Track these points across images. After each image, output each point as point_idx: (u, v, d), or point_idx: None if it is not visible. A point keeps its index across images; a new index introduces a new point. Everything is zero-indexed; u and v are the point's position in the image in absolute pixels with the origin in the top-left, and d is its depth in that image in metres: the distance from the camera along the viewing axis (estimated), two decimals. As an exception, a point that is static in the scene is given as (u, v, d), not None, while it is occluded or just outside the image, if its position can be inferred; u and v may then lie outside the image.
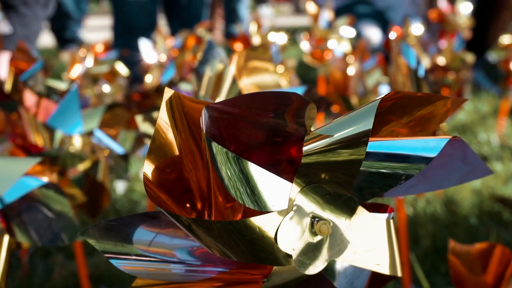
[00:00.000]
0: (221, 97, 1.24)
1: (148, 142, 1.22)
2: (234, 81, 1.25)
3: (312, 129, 0.65)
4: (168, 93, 0.60)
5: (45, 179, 1.11)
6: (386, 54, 4.06)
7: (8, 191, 1.06)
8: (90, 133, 1.61)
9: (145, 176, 0.63)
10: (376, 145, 0.65)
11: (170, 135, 0.62)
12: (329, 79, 2.22)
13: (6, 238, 1.06)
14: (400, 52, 1.53)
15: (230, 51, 2.97)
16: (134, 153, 2.07)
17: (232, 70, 1.24)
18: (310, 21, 3.08)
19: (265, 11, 9.47)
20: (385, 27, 4.03)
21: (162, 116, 0.61)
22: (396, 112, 0.64)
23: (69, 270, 1.94)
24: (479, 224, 2.08)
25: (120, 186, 2.43)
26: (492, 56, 5.11)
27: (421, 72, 1.49)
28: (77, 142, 1.59)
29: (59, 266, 1.97)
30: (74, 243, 1.45)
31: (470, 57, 2.44)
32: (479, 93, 3.87)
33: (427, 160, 0.64)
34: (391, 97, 0.63)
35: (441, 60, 2.47)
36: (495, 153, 2.86)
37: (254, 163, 0.63)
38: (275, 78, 1.34)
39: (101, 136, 1.64)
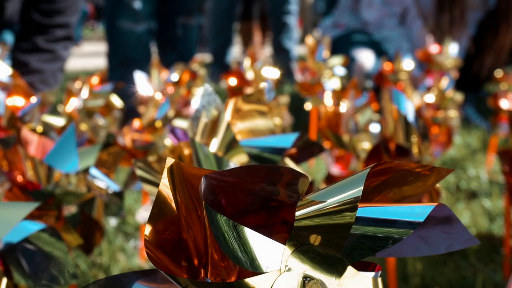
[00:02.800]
0: (216, 143, 1.28)
1: (144, 185, 1.25)
2: (229, 127, 1.28)
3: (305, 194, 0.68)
4: (169, 161, 0.64)
5: (43, 224, 1.14)
6: (377, 87, 4.11)
7: (7, 235, 1.09)
8: (86, 171, 1.64)
9: (145, 239, 0.66)
10: (365, 210, 0.68)
11: (170, 200, 0.66)
12: (321, 115, 2.26)
13: (4, 281, 1.09)
14: (391, 98, 1.57)
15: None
16: (128, 188, 2.10)
17: (227, 117, 1.28)
18: (307, 52, 3.14)
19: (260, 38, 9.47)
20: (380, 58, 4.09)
21: (164, 182, 0.65)
22: (384, 182, 0.68)
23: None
24: (467, 263, 2.11)
25: (113, 219, 2.45)
26: (483, 91, 5.18)
27: (411, 118, 1.53)
28: (73, 180, 1.62)
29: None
30: (69, 286, 1.47)
31: (459, 97, 2.50)
32: (469, 128, 3.92)
33: (413, 225, 0.68)
34: (380, 167, 0.67)
35: (431, 98, 2.51)
36: (483, 189, 2.90)
37: (249, 226, 0.66)
38: (269, 123, 1.38)
39: (97, 174, 1.67)
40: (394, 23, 4.24)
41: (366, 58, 4.19)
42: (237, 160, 1.28)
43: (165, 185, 0.65)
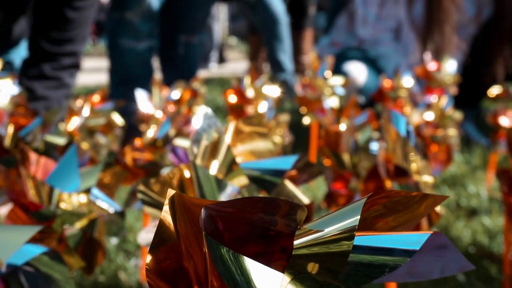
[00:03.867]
0: (216, 165, 1.29)
1: (146, 208, 1.27)
2: (229, 149, 1.30)
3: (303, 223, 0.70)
4: (170, 192, 0.65)
5: (45, 247, 1.15)
6: (370, 103, 4.13)
7: (10, 258, 1.11)
8: (87, 191, 1.65)
9: (146, 268, 0.67)
10: (362, 239, 0.70)
11: (172, 229, 0.67)
12: (321, 133, 2.27)
13: (7, 304, 1.10)
14: (390, 119, 1.59)
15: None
16: (129, 207, 2.11)
17: (227, 139, 1.30)
18: (309, 68, 3.17)
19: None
20: (376, 75, 4.11)
21: (165, 212, 0.66)
22: (380, 210, 0.70)
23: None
24: (466, 281, 2.12)
25: (114, 238, 2.47)
26: (482, 107, 5.19)
27: (409, 140, 1.55)
28: (74, 200, 1.63)
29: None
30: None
31: (458, 115, 2.51)
32: (469, 145, 3.94)
33: (409, 253, 0.69)
34: (376, 197, 0.68)
35: (430, 116, 2.53)
36: (483, 207, 2.91)
37: (248, 255, 0.68)
38: (269, 145, 1.39)
39: (98, 194, 1.68)
40: (390, 38, 4.26)
41: (358, 72, 4.21)
42: (237, 183, 1.29)
43: (166, 215, 0.66)
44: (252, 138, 1.35)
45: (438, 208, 2.81)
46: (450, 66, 3.33)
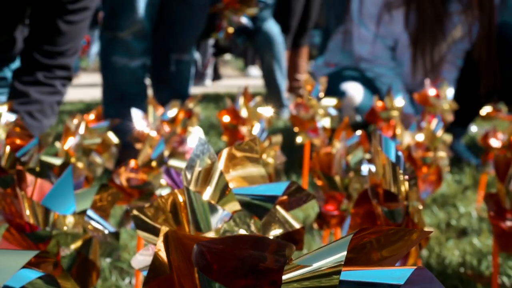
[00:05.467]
0: (209, 191, 1.32)
1: (140, 233, 1.29)
2: (222, 176, 1.33)
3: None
4: (164, 230, 0.68)
5: (41, 271, 1.18)
6: (366, 123, 4.16)
7: (6, 283, 1.13)
8: (82, 212, 1.68)
9: (141, 301, 0.70)
10: (348, 274, 0.73)
11: (165, 264, 0.70)
12: (313, 155, 2.30)
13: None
14: (380, 144, 1.62)
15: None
16: (123, 227, 2.14)
17: (220, 166, 1.33)
18: (303, 88, 3.20)
19: (254, 72, 9.69)
20: (372, 95, 4.14)
21: (159, 248, 0.69)
22: (366, 245, 0.73)
23: None
24: (456, 303, 2.15)
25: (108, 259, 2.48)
26: (474, 127, 5.23)
27: (400, 165, 1.58)
28: (69, 221, 1.66)
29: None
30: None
31: (448, 138, 2.55)
32: (459, 164, 3.98)
33: (394, 288, 0.72)
34: (362, 233, 0.71)
35: (420, 138, 2.56)
36: (473, 227, 2.94)
37: (239, 288, 0.71)
38: (261, 170, 1.42)
39: (93, 216, 1.71)
40: (387, 56, 4.30)
41: (355, 91, 4.24)
42: (229, 208, 1.32)
43: (160, 251, 0.69)
44: (245, 164, 1.38)
45: (431, 229, 2.85)
46: (449, 93, 3.38)
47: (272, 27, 5.96)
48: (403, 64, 4.32)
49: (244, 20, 3.66)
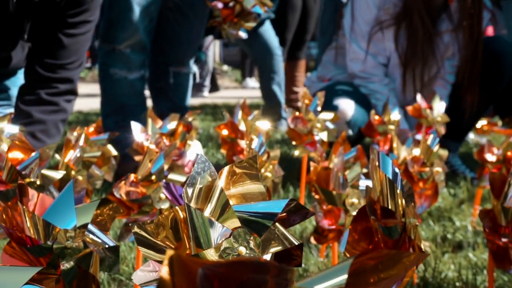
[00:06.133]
0: (210, 208, 1.35)
1: (140, 248, 1.31)
2: (222, 193, 1.35)
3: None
4: (169, 253, 0.71)
5: None
6: (359, 137, 4.19)
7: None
8: (83, 227, 1.69)
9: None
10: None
11: (170, 286, 0.72)
12: (311, 170, 2.32)
13: None
14: (378, 160, 1.64)
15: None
16: (122, 240, 2.15)
17: (220, 183, 1.35)
18: (301, 102, 3.23)
19: (251, 83, 9.74)
20: (367, 110, 4.16)
21: (164, 271, 0.71)
22: (366, 270, 0.75)
23: None
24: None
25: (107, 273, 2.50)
26: (468, 140, 5.26)
27: (397, 182, 1.61)
28: (70, 236, 1.67)
29: None
30: None
31: (444, 153, 2.58)
32: (455, 178, 4.00)
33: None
34: (362, 257, 0.74)
35: (417, 152, 2.58)
36: (469, 241, 2.96)
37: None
38: (260, 188, 1.45)
39: (93, 230, 1.72)
40: (380, 73, 4.32)
41: (347, 105, 4.26)
42: (230, 225, 1.34)
43: (165, 273, 0.72)
44: (245, 182, 1.40)
45: (427, 243, 2.87)
46: (441, 106, 3.42)
47: (272, 38, 6.01)
48: (396, 81, 4.35)
49: (242, 34, 3.69)
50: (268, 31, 6.03)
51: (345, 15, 4.45)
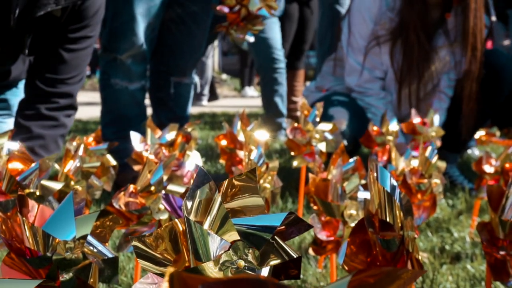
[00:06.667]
0: (209, 221, 1.35)
1: (139, 261, 1.32)
2: (221, 206, 1.36)
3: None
4: (170, 270, 0.72)
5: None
6: (353, 147, 4.19)
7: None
8: (82, 238, 1.70)
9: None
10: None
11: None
12: (309, 181, 2.33)
13: None
14: (376, 173, 1.65)
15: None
16: (121, 251, 2.16)
17: (220, 196, 1.36)
18: (300, 113, 3.24)
19: (250, 92, 9.77)
20: (363, 121, 4.17)
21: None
22: (363, 284, 0.76)
23: None
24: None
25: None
26: (466, 152, 5.27)
27: (395, 195, 1.62)
28: (69, 247, 1.68)
29: None
30: None
31: (442, 165, 2.59)
32: (454, 189, 4.01)
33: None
34: (360, 275, 0.75)
35: (415, 164, 2.59)
36: (467, 252, 2.97)
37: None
38: (259, 201, 1.46)
39: (92, 241, 1.73)
40: (377, 87, 4.32)
41: (341, 115, 4.26)
42: (228, 238, 1.35)
43: (166, 289, 0.72)
44: (244, 196, 1.41)
45: (425, 254, 2.87)
46: (435, 120, 3.43)
47: (278, 50, 6.03)
48: (393, 94, 4.36)
49: (250, 38, 3.69)
50: (276, 40, 6.04)
51: (342, 29, 4.46)
